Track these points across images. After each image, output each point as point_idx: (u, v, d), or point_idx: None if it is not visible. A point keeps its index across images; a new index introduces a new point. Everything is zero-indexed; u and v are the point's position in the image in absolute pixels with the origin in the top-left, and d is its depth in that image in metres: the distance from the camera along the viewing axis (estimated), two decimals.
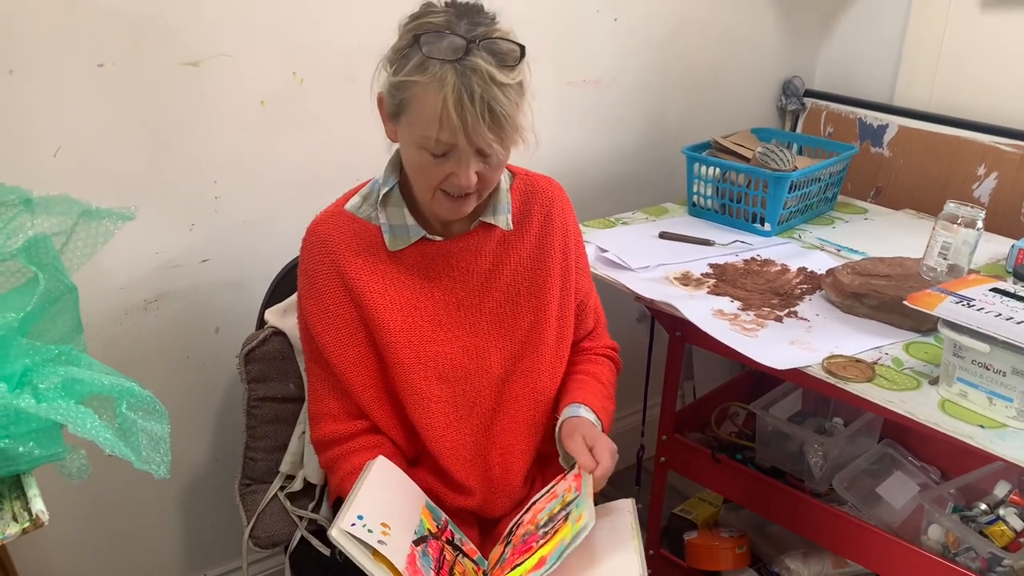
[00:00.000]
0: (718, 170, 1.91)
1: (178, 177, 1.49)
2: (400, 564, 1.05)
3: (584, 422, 1.24)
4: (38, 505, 0.94)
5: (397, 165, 1.24)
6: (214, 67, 1.46)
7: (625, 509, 1.22)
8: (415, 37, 1.06)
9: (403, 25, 1.11)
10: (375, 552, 1.04)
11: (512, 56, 1.07)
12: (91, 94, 1.36)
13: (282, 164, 1.60)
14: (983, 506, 1.57)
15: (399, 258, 1.24)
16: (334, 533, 1.03)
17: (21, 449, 0.93)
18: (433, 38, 1.04)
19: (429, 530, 1.17)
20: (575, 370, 1.37)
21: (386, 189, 1.22)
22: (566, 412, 1.28)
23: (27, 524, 0.92)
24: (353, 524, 1.05)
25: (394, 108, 1.12)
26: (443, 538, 1.19)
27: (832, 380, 1.31)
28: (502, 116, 1.05)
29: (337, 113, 1.62)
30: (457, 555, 1.19)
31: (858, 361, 1.35)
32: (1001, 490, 1.59)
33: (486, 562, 1.24)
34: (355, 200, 1.26)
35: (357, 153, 1.64)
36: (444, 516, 1.24)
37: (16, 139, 1.32)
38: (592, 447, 1.19)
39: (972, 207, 1.50)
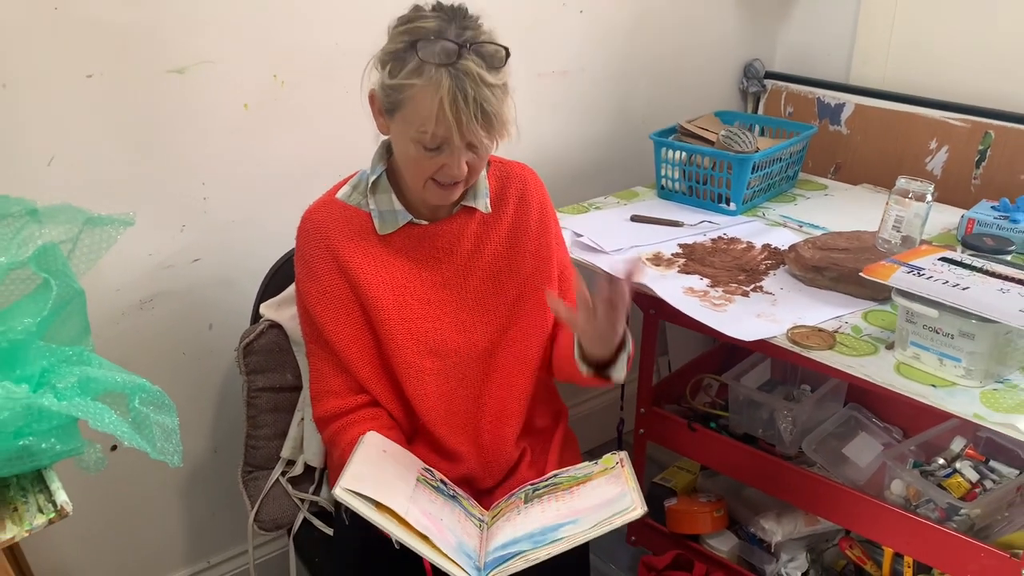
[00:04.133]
0: (684, 154, 2.00)
1: (167, 181, 1.55)
2: (401, 510, 1.12)
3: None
4: (62, 497, 1.00)
5: (384, 154, 1.33)
6: (199, 73, 1.51)
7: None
8: (411, 43, 1.16)
9: (393, 28, 1.20)
10: (379, 505, 1.11)
11: (499, 58, 1.18)
12: (82, 104, 1.41)
13: (267, 164, 1.66)
14: (940, 460, 1.68)
15: (388, 241, 1.33)
16: (338, 491, 1.10)
17: (44, 445, 0.99)
18: (428, 44, 1.15)
19: (429, 484, 1.26)
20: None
21: (374, 177, 1.32)
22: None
23: (52, 515, 0.98)
24: (354, 481, 1.12)
25: (389, 106, 1.21)
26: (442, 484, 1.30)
27: (796, 349, 1.40)
28: (492, 114, 1.16)
29: (318, 113, 1.68)
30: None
31: (820, 330, 1.45)
32: (957, 445, 1.69)
33: (486, 515, 1.32)
34: (345, 189, 1.35)
35: (339, 150, 1.70)
36: (440, 475, 1.32)
37: (11, 150, 1.37)
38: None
39: (922, 181, 1.60)
